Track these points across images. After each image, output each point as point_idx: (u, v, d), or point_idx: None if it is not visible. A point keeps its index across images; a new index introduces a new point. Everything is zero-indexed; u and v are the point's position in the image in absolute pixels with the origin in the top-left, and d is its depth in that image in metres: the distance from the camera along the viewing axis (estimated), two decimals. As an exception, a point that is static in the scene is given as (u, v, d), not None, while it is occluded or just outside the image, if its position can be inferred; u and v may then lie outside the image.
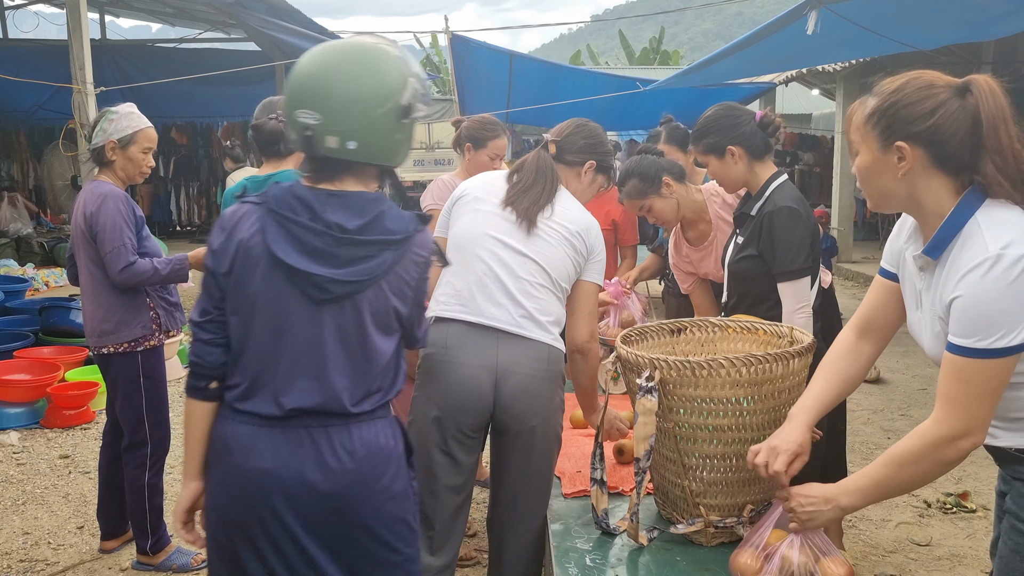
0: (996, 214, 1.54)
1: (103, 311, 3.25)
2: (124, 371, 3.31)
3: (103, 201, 3.17)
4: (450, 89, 13.22)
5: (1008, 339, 1.49)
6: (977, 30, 7.24)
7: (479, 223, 2.33)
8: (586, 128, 2.51)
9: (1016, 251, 1.47)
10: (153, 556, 3.42)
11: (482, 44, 10.79)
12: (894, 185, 1.60)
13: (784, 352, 1.89)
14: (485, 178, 2.49)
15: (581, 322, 2.37)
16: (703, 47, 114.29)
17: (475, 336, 2.23)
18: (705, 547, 1.98)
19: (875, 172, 1.61)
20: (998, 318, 1.48)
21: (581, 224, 2.35)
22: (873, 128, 1.59)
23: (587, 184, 2.51)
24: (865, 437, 4.93)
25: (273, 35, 11.36)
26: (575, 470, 2.48)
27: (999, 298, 1.48)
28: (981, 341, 1.50)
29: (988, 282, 1.48)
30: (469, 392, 2.21)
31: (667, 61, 27.90)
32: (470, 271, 2.28)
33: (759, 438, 1.93)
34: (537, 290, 2.26)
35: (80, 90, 7.69)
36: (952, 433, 1.55)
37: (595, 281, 2.40)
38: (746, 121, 2.64)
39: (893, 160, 1.57)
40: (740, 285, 2.73)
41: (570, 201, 2.40)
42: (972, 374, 1.53)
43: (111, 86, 8.53)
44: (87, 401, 5.33)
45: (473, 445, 2.31)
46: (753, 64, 8.69)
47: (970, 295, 1.51)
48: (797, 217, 2.53)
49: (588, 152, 2.48)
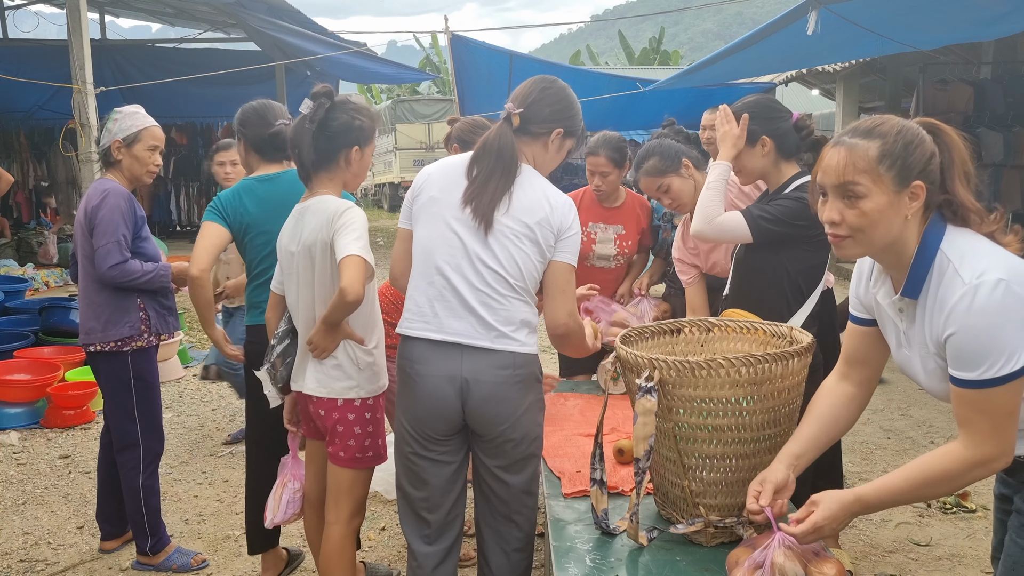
0: (959, 243, 1.60)
1: (94, 309, 3.25)
2: (113, 371, 3.29)
3: (105, 197, 3.18)
4: (450, 89, 13.22)
5: (1013, 363, 1.51)
6: (977, 30, 7.23)
7: (437, 232, 2.27)
8: (550, 91, 2.35)
9: (992, 276, 1.51)
10: (153, 556, 3.42)
11: (482, 44, 10.79)
12: (900, 226, 1.62)
13: (783, 352, 1.89)
14: (444, 170, 2.34)
15: (556, 304, 2.28)
16: (703, 47, 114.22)
17: (439, 352, 2.23)
18: (705, 547, 1.98)
19: (888, 214, 1.60)
20: (997, 345, 1.51)
21: (540, 213, 2.23)
22: (888, 170, 1.59)
23: (554, 152, 2.38)
24: (865, 437, 4.93)
25: (273, 35, 11.38)
26: (575, 470, 2.48)
27: (991, 326, 1.50)
28: (988, 371, 1.52)
29: (976, 313, 1.51)
30: (437, 403, 2.24)
31: (667, 61, 27.88)
32: (431, 285, 2.26)
33: (759, 438, 1.93)
34: (498, 300, 2.22)
35: (80, 90, 7.69)
36: (986, 457, 1.59)
37: (566, 261, 2.27)
38: (784, 117, 2.66)
39: (905, 200, 1.60)
40: (744, 278, 2.73)
41: (530, 185, 2.27)
42: (989, 404, 1.55)
43: (111, 86, 8.54)
44: (87, 401, 5.34)
45: (454, 446, 2.32)
46: (753, 64, 8.68)
47: (963, 330, 1.53)
48: (799, 202, 2.56)
49: (554, 120, 2.33)
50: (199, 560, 3.46)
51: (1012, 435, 1.58)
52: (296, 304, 2.61)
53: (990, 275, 1.51)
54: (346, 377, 2.55)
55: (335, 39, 11.95)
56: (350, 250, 2.36)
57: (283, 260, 2.63)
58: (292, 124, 2.57)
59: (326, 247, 2.46)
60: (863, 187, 1.60)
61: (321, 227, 2.47)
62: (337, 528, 2.63)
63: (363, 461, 2.61)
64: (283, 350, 2.65)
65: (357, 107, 2.56)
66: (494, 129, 2.31)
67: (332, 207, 2.48)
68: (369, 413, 2.60)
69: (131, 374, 3.29)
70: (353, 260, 2.35)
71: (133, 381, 3.30)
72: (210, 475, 4.47)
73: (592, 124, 3.40)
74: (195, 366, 6.72)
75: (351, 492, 2.63)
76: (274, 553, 3.25)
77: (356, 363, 2.54)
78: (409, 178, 20.49)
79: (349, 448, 2.57)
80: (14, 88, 11.15)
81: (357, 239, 2.39)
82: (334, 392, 2.55)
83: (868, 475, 4.34)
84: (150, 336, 3.32)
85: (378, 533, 3.73)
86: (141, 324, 3.28)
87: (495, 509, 2.32)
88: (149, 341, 3.32)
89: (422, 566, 2.34)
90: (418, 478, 2.32)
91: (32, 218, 13.41)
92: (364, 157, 2.60)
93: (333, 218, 2.45)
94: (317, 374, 2.56)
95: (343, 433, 2.56)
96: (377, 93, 27.23)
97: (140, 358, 3.31)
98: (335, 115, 2.51)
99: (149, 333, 3.31)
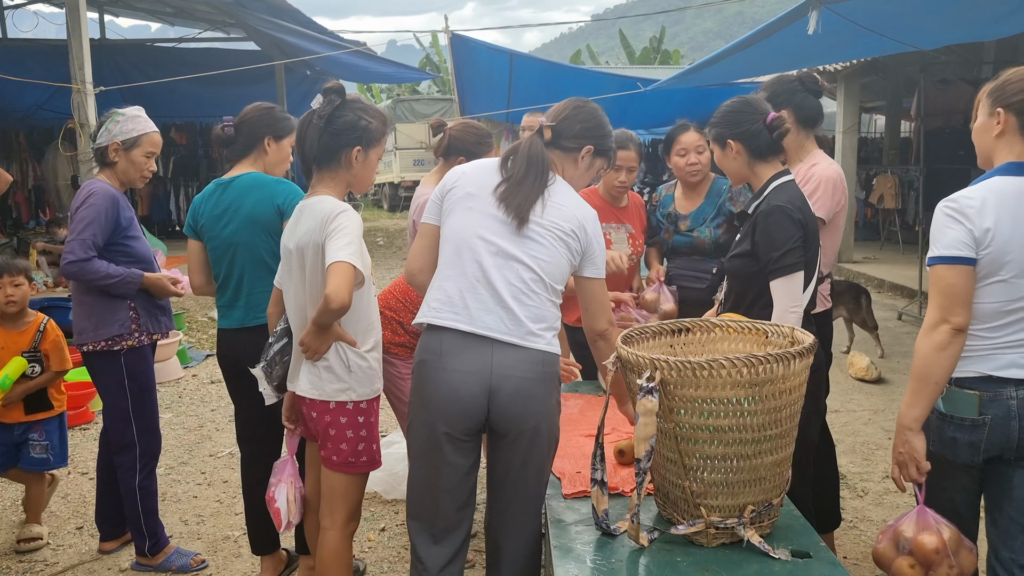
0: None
1: (84, 308, 3.25)
2: (107, 371, 3.29)
3: (88, 195, 3.19)
4: (450, 89, 13.22)
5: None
6: (978, 30, 7.23)
7: (471, 224, 2.28)
8: (584, 110, 2.41)
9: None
10: (152, 557, 3.41)
11: (482, 43, 10.80)
12: (991, 143, 2.13)
13: (785, 352, 1.88)
14: (477, 168, 2.39)
15: (595, 314, 2.35)
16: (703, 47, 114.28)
17: (469, 344, 2.21)
18: (706, 548, 1.97)
19: (981, 130, 2.16)
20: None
21: (576, 221, 2.29)
22: (987, 97, 2.13)
23: (584, 169, 2.42)
24: (866, 437, 4.92)
25: (273, 35, 11.37)
26: (575, 471, 2.48)
27: None
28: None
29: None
30: (464, 398, 2.21)
31: (667, 61, 27.88)
32: (463, 276, 2.25)
33: (760, 439, 1.92)
34: (530, 296, 2.23)
35: (79, 90, 7.68)
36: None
37: (596, 276, 2.35)
38: (755, 119, 2.63)
39: (993, 123, 2.11)
40: (735, 283, 2.73)
41: (564, 194, 2.33)
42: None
43: (110, 86, 8.52)
44: (86, 401, 5.33)
45: (469, 448, 2.30)
46: (754, 64, 8.68)
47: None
48: (786, 216, 2.51)
49: (585, 136, 2.38)
50: (198, 561, 3.45)
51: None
52: (291, 303, 2.60)
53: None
54: (337, 379, 2.52)
55: (335, 38, 11.95)
56: (338, 256, 2.33)
57: (283, 257, 2.63)
58: (300, 118, 2.57)
59: (318, 249, 2.43)
60: (976, 110, 2.21)
61: (314, 228, 2.45)
62: (333, 533, 2.60)
63: (356, 466, 2.58)
64: (281, 348, 2.64)
65: (366, 108, 2.55)
66: (525, 139, 2.36)
67: (327, 208, 2.45)
68: (362, 417, 2.56)
69: (125, 374, 3.28)
70: (340, 267, 2.31)
71: (127, 382, 3.29)
72: (209, 476, 4.46)
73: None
74: (194, 366, 6.72)
75: (345, 497, 2.60)
76: (275, 554, 3.24)
77: (347, 365, 2.52)
78: (409, 178, 20.49)
79: (341, 452, 2.55)
80: (13, 88, 11.15)
81: (348, 244, 2.35)
82: (326, 394, 2.53)
83: (869, 475, 4.34)
84: (141, 335, 3.29)
85: (378, 534, 3.72)
86: (131, 323, 3.26)
87: (506, 509, 2.31)
88: (140, 340, 3.29)
89: (428, 568, 2.30)
90: (430, 478, 2.29)
91: (32, 218, 13.41)
92: (368, 159, 2.56)
93: (327, 220, 2.42)
94: (310, 375, 2.54)
95: (335, 437, 2.54)
96: (377, 93, 27.23)
97: (133, 358, 3.29)
98: (342, 112, 2.50)
99: (140, 332, 3.29)
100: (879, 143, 16.24)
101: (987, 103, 2.12)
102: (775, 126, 2.62)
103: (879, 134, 17.28)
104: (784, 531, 2.05)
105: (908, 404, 2.08)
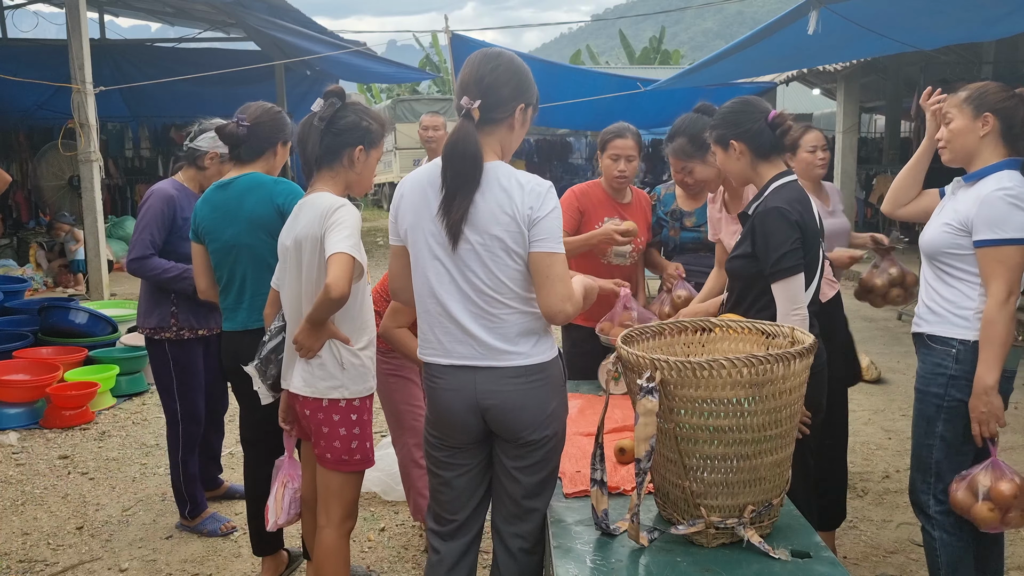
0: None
1: (140, 298, 3.65)
2: (154, 355, 3.63)
3: (150, 196, 3.53)
4: (450, 89, 13.21)
5: None
6: (978, 30, 7.24)
7: (422, 258, 2.21)
8: (502, 68, 2.17)
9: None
10: (192, 520, 3.74)
11: (482, 44, 10.78)
12: (974, 144, 2.49)
13: (785, 353, 1.88)
14: (414, 187, 2.24)
15: (544, 293, 2.13)
16: (704, 47, 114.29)
17: (452, 372, 2.24)
18: (706, 548, 1.97)
19: (963, 132, 2.49)
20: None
21: (504, 217, 2.11)
22: (966, 104, 2.49)
23: (519, 128, 2.23)
24: (866, 437, 4.92)
25: (273, 35, 11.37)
26: (575, 470, 2.48)
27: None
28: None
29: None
30: (457, 414, 2.24)
31: (667, 61, 27.91)
32: (427, 313, 2.24)
33: (760, 439, 1.92)
34: (492, 318, 2.18)
35: (79, 90, 7.69)
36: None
37: (544, 250, 2.11)
38: (756, 118, 2.63)
39: (978, 125, 2.47)
40: (736, 284, 2.73)
41: (489, 187, 2.13)
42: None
43: (110, 86, 8.53)
44: (86, 401, 5.33)
45: (475, 451, 2.32)
46: (754, 64, 8.69)
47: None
48: (784, 217, 2.49)
49: (515, 98, 2.18)
50: (228, 527, 3.74)
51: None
52: (287, 299, 2.61)
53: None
54: (330, 377, 2.53)
55: (335, 38, 11.94)
56: (339, 247, 2.36)
57: (280, 255, 2.63)
58: (301, 121, 2.59)
59: (316, 242, 2.46)
60: (950, 115, 2.54)
61: (313, 222, 2.47)
62: (329, 531, 2.62)
63: (350, 464, 2.59)
64: (274, 346, 2.64)
65: (367, 110, 2.60)
66: (456, 130, 2.15)
67: (326, 203, 2.48)
68: (355, 415, 2.57)
69: (171, 361, 3.59)
70: (341, 257, 2.35)
71: (174, 368, 3.60)
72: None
73: (593, 123, 3.40)
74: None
75: (340, 495, 2.61)
76: (276, 555, 3.25)
77: (340, 363, 2.53)
78: (409, 177, 20.46)
79: (335, 450, 2.56)
80: (13, 88, 11.13)
81: (348, 237, 2.39)
82: (318, 392, 2.54)
83: (869, 475, 4.34)
84: (180, 329, 3.56)
85: (378, 534, 3.72)
86: (171, 317, 3.54)
87: (507, 508, 2.32)
88: (179, 334, 3.56)
89: (443, 560, 2.35)
90: (442, 480, 2.34)
91: (31, 218, 13.40)
92: (369, 160, 2.60)
93: (326, 214, 2.44)
94: (304, 373, 2.56)
95: (328, 434, 2.55)
96: (377, 93, 27.24)
97: (176, 348, 3.58)
98: (344, 114, 2.53)
99: (179, 327, 3.55)
100: (879, 143, 16.24)
101: (968, 109, 2.48)
102: (777, 123, 2.62)
103: (879, 134, 17.27)
104: (784, 531, 2.05)
105: (989, 368, 2.39)
